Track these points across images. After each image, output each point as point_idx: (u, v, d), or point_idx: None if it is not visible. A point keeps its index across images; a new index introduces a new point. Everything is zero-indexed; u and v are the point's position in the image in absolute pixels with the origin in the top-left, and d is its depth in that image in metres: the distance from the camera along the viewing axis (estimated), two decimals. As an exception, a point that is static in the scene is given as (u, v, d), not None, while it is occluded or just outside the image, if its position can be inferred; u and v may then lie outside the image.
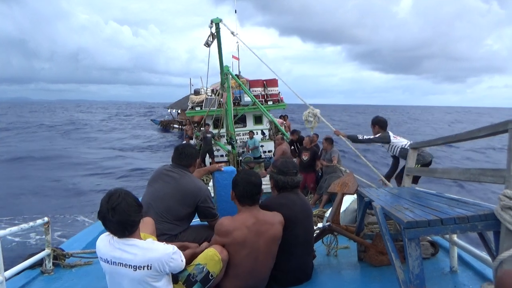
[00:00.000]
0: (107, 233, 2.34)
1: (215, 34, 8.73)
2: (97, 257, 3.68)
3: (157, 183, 3.23)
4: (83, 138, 35.90)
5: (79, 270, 3.58)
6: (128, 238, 2.24)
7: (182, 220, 3.18)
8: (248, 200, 2.69)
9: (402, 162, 5.68)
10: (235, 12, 11.39)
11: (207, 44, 8.92)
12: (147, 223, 2.80)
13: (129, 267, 2.19)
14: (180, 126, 15.08)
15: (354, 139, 6.05)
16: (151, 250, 2.22)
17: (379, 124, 5.93)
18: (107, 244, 2.27)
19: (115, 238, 2.26)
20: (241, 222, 2.61)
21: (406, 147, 5.61)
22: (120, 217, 2.16)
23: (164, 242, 2.40)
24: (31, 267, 3.40)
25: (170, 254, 2.25)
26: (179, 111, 15.25)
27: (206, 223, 3.37)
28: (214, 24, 8.67)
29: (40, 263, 3.48)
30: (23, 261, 3.26)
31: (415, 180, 5.61)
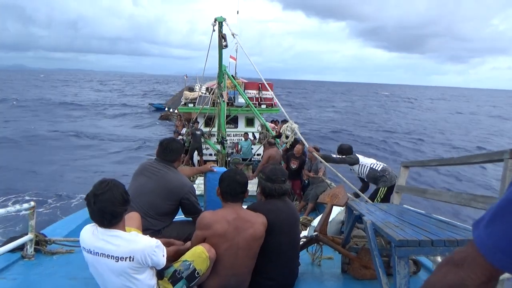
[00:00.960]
0: (92, 224, 2.35)
1: (224, 34, 8.69)
2: (79, 246, 3.68)
3: (141, 178, 3.23)
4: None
5: (60, 257, 3.53)
6: (111, 229, 2.24)
7: (166, 216, 3.18)
8: (230, 197, 2.73)
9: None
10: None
11: (225, 46, 8.92)
12: (133, 218, 2.80)
13: (111, 258, 2.19)
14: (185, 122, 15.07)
15: (327, 158, 6.46)
16: (134, 242, 2.23)
17: (348, 152, 6.45)
18: (90, 235, 2.27)
19: (99, 229, 2.27)
20: (222, 216, 2.65)
21: (374, 167, 6.23)
22: (101, 205, 2.18)
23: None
24: (12, 250, 3.35)
25: (153, 247, 2.26)
26: (176, 110, 15.25)
27: (190, 219, 3.39)
28: (217, 22, 8.64)
29: (21, 247, 3.43)
30: (4, 245, 3.21)
31: (384, 201, 6.05)
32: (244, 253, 2.67)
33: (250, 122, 14.65)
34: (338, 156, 6.51)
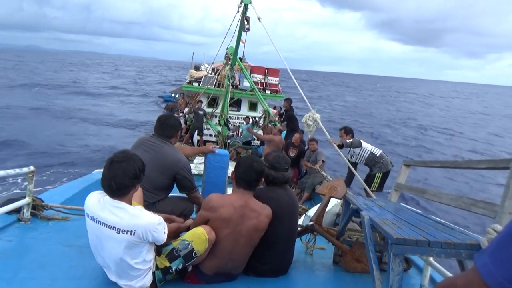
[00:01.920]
0: (99, 191, 2.36)
1: (248, 16, 8.44)
2: (76, 214, 3.71)
3: (138, 151, 3.25)
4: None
5: (56, 224, 3.55)
6: (118, 201, 2.25)
7: (161, 190, 3.23)
8: (244, 184, 2.74)
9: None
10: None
11: (247, 29, 8.70)
12: (137, 192, 2.82)
13: (113, 229, 2.21)
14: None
15: (342, 145, 6.97)
16: (138, 216, 2.25)
17: (352, 132, 7.27)
18: (96, 203, 2.28)
19: (106, 198, 2.28)
20: (230, 201, 2.66)
21: (374, 152, 6.84)
22: (114, 172, 2.21)
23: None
24: (8, 213, 3.36)
25: (155, 224, 2.28)
26: (181, 94, 15.14)
27: (184, 195, 3.43)
28: (243, 4, 8.41)
29: (18, 210, 3.44)
30: (1, 206, 3.22)
31: (380, 187, 6.81)
32: (245, 241, 2.69)
33: (253, 106, 14.59)
34: (347, 141, 6.99)
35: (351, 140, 7.03)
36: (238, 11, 8.64)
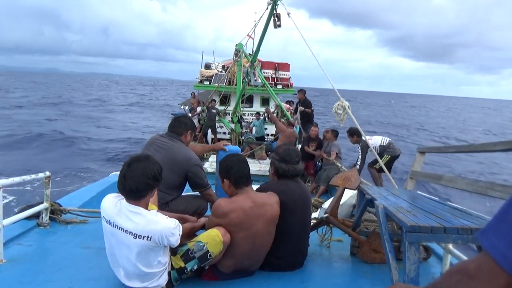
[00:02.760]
0: (115, 194, 2.39)
1: (278, 13, 8.29)
2: (93, 217, 3.77)
3: (149, 151, 3.27)
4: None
5: (75, 227, 3.62)
6: (135, 206, 2.27)
7: (173, 189, 3.22)
8: (245, 180, 2.70)
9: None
10: (255, 13, 10.73)
11: (279, 26, 8.58)
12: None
13: (129, 234, 2.23)
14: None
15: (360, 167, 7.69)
16: (154, 222, 2.25)
17: (356, 133, 7.61)
18: (112, 206, 2.29)
19: (123, 202, 2.29)
20: (238, 204, 2.61)
21: (383, 144, 7.49)
22: (130, 176, 2.22)
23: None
24: (28, 218, 3.44)
25: (171, 229, 2.29)
26: (192, 93, 15.21)
27: (198, 193, 3.43)
28: (273, 1, 8.26)
29: (37, 215, 3.52)
30: (21, 212, 3.29)
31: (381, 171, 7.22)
32: (262, 239, 2.68)
33: (265, 102, 14.53)
34: (358, 162, 7.75)
35: (358, 161, 7.75)
36: (267, 8, 8.49)
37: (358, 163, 7.82)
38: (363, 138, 7.25)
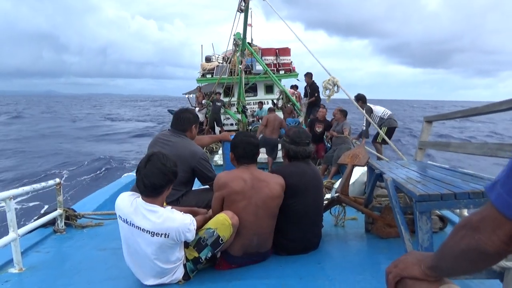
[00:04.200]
0: (130, 192, 2.41)
1: None
2: (108, 219, 3.81)
3: (154, 149, 3.25)
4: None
5: (90, 230, 3.66)
6: (150, 204, 2.28)
7: (181, 185, 3.21)
8: (247, 159, 2.74)
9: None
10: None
11: (241, 10, 8.42)
12: None
13: (147, 232, 2.25)
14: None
15: (363, 133, 8.30)
16: (171, 219, 2.27)
17: (362, 99, 7.93)
18: (128, 205, 2.31)
19: (139, 200, 2.31)
20: (237, 174, 2.68)
21: (383, 116, 7.83)
22: (149, 173, 2.23)
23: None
24: (44, 226, 3.50)
25: (188, 225, 2.31)
26: (197, 87, 15.09)
27: (207, 186, 3.42)
28: None
29: (52, 222, 3.57)
30: (37, 220, 3.34)
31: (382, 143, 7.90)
32: (263, 212, 2.68)
33: (269, 89, 14.45)
34: (364, 124, 8.18)
35: (365, 123, 8.10)
36: None
37: (364, 127, 8.34)
38: (367, 104, 7.90)
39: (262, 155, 8.66)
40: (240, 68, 11.30)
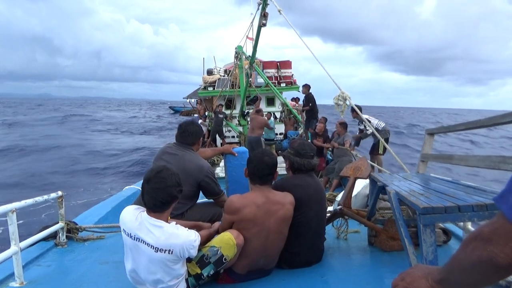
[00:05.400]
0: (135, 206, 2.40)
1: (267, 12, 8.24)
2: (110, 232, 3.79)
3: (160, 162, 3.24)
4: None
5: (92, 244, 3.65)
6: (156, 219, 2.27)
7: (187, 199, 3.18)
8: (258, 179, 2.68)
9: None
10: (251, 14, 10.84)
11: (264, 24, 8.55)
12: None
13: (151, 248, 2.24)
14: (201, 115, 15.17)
15: (358, 142, 8.91)
16: (175, 236, 2.26)
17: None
18: (133, 219, 2.30)
19: (143, 214, 2.30)
20: (251, 200, 2.60)
21: (378, 127, 8.26)
22: (156, 188, 2.23)
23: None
24: (45, 239, 3.48)
25: (192, 242, 2.30)
26: (198, 100, 15.17)
27: (212, 200, 3.39)
28: (263, 1, 8.24)
29: (54, 235, 3.56)
30: (38, 233, 3.33)
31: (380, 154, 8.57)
32: (275, 236, 2.66)
33: (270, 101, 14.53)
34: (358, 134, 8.80)
35: (362, 132, 8.73)
36: (258, 9, 8.47)
37: (366, 131, 8.61)
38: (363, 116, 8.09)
39: None
40: (250, 81, 11.41)
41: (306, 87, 11.51)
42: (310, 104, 10.90)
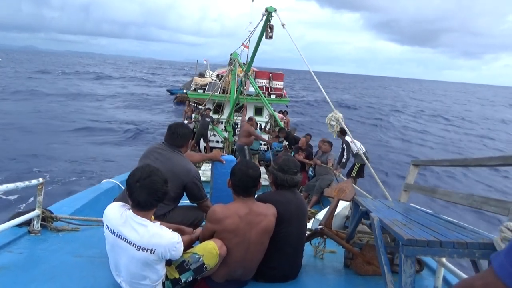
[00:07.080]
0: (120, 203, 2.38)
1: (272, 24, 8.36)
2: (85, 225, 3.72)
3: (147, 161, 3.22)
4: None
5: (66, 235, 3.56)
6: (141, 218, 2.26)
7: (171, 200, 3.17)
8: (242, 192, 2.68)
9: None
10: (250, 23, 11.01)
11: (270, 37, 8.65)
12: None
13: (133, 246, 2.22)
14: (195, 104, 14.94)
15: (343, 164, 8.84)
16: (159, 235, 2.25)
17: (342, 131, 7.63)
18: (118, 216, 2.28)
19: (129, 212, 2.29)
20: (234, 210, 2.60)
21: (359, 152, 7.98)
22: (144, 187, 2.22)
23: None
24: (19, 225, 3.38)
25: (175, 244, 2.29)
26: (185, 109, 15.28)
27: (195, 204, 3.39)
28: (267, 12, 8.34)
29: (28, 222, 3.46)
30: (12, 219, 3.24)
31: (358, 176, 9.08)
32: (255, 248, 2.67)
33: (258, 111, 14.60)
34: (345, 157, 8.78)
35: (345, 156, 8.82)
36: (262, 19, 8.57)
37: (345, 156, 8.81)
38: (347, 137, 8.35)
39: None
40: (241, 89, 11.45)
41: (282, 132, 11.33)
42: (295, 140, 10.87)
